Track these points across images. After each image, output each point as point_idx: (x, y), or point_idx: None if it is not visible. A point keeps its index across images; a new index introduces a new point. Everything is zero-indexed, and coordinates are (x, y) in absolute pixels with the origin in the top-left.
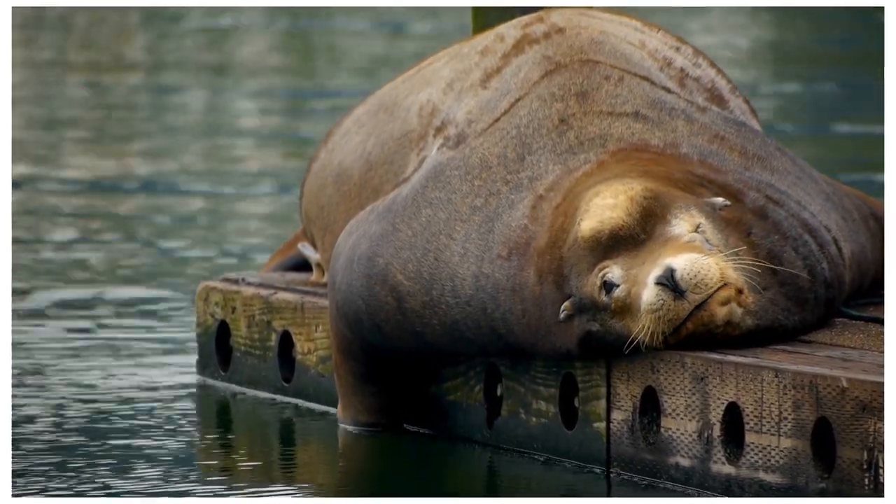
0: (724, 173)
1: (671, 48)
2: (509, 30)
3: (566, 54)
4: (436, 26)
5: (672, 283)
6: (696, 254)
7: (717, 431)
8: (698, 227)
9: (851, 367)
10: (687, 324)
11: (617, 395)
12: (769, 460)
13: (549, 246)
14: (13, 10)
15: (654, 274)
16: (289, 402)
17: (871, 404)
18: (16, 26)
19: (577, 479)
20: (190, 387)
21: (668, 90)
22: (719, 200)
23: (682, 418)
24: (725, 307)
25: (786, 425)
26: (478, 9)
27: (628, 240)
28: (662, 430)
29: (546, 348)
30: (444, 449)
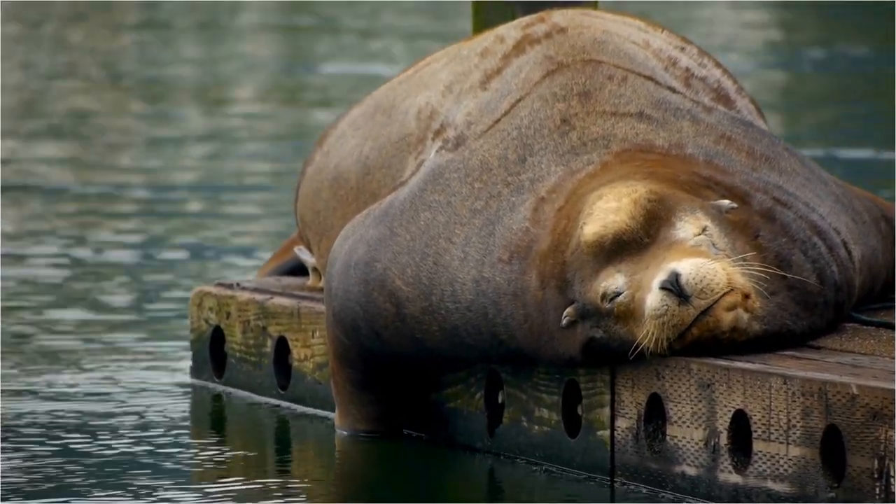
0: (730, 174)
1: (676, 48)
2: (509, 31)
3: (568, 54)
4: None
5: (677, 288)
6: (701, 258)
7: (723, 440)
8: (704, 230)
9: (862, 373)
10: (692, 330)
11: (621, 402)
12: (777, 469)
13: (552, 250)
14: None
15: (658, 279)
16: (285, 407)
17: (881, 412)
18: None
19: (581, 488)
20: (184, 392)
21: (673, 90)
22: (726, 203)
23: (688, 426)
24: (731, 313)
25: (794, 433)
26: (478, 4)
27: (632, 244)
28: (668, 438)
29: (548, 354)
30: (444, 456)
